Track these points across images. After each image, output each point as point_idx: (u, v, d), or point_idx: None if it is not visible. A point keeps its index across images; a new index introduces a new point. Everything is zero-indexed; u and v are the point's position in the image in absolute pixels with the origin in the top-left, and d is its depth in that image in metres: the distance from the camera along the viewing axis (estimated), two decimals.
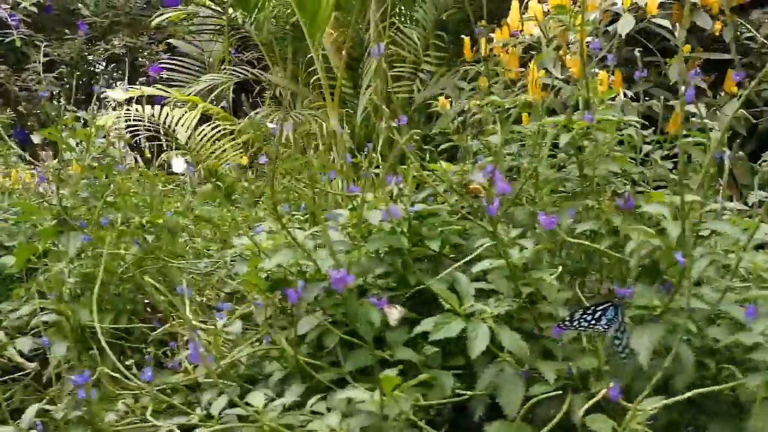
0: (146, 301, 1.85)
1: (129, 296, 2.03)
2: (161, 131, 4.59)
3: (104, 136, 2.13)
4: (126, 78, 5.67)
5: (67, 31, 7.45)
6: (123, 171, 2.11)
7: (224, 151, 4.38)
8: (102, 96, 8.40)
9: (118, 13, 7.60)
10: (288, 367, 1.29)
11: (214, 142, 4.46)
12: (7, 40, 6.48)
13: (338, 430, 1.02)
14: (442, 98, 3.35)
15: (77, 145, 2.21)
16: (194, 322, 1.51)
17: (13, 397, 2.34)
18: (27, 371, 2.28)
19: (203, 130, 4.45)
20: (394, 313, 1.20)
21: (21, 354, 2.33)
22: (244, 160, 4.31)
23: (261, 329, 1.36)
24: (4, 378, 2.32)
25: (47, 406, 1.65)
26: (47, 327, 2.23)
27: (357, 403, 1.08)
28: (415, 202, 1.44)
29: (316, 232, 1.30)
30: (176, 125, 4.49)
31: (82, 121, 2.38)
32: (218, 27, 5.10)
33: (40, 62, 6.76)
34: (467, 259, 1.23)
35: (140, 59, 7.53)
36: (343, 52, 3.62)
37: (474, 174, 1.39)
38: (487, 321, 1.08)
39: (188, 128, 4.46)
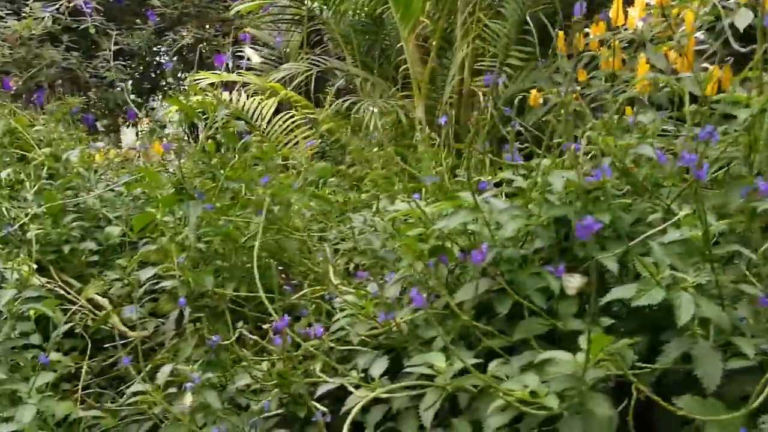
0: (280, 268, 1.84)
1: (246, 267, 2.04)
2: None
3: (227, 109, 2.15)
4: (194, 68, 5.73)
5: (138, 21, 7.57)
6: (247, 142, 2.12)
7: (296, 143, 4.40)
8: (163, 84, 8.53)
9: (187, 5, 7.71)
10: (450, 332, 1.27)
11: (290, 131, 4.48)
12: (81, 27, 6.60)
13: (538, 391, 0.99)
14: (534, 91, 3.31)
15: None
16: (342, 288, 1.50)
17: (116, 364, 2.37)
18: (130, 339, 2.31)
19: (280, 118, 4.47)
20: (573, 282, 1.17)
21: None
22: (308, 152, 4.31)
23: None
24: (106, 345, 2.35)
25: (180, 366, 1.65)
26: (161, 295, 2.25)
27: (545, 367, 1.05)
28: None
29: (486, 198, 1.27)
30: (254, 112, 4.53)
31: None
32: (296, 17, 5.13)
33: (110, 50, 6.87)
34: (651, 233, 1.19)
35: (207, 50, 7.61)
36: (433, 42, 3.60)
37: (641, 148, 1.36)
38: (688, 290, 1.05)
39: (266, 116, 4.50)
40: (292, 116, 4.52)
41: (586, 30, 3.34)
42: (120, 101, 7.46)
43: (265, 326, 1.63)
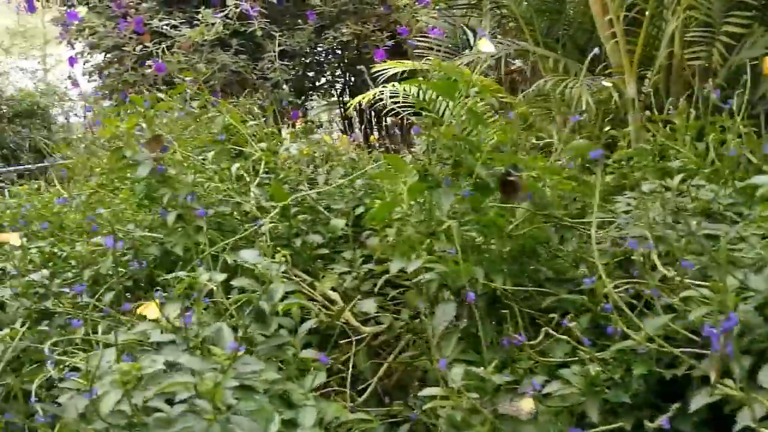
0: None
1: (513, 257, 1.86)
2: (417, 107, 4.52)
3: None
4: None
5: (299, 21, 7.68)
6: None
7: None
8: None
9: (345, 2, 7.75)
10: None
11: None
12: (249, 30, 6.76)
13: None
14: (767, 58, 2.93)
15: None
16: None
17: (350, 360, 2.26)
18: (363, 335, 2.20)
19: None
20: None
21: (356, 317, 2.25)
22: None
23: None
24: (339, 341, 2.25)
25: (474, 368, 1.49)
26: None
27: None
28: None
29: None
30: (435, 100, 4.39)
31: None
32: (472, 2, 4.95)
33: (275, 51, 7.01)
34: None
35: (367, 47, 7.62)
36: (647, 12, 3.29)
37: None
38: None
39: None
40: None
41: None
42: (284, 101, 7.61)
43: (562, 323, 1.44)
